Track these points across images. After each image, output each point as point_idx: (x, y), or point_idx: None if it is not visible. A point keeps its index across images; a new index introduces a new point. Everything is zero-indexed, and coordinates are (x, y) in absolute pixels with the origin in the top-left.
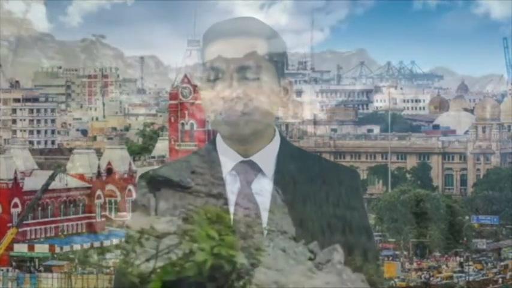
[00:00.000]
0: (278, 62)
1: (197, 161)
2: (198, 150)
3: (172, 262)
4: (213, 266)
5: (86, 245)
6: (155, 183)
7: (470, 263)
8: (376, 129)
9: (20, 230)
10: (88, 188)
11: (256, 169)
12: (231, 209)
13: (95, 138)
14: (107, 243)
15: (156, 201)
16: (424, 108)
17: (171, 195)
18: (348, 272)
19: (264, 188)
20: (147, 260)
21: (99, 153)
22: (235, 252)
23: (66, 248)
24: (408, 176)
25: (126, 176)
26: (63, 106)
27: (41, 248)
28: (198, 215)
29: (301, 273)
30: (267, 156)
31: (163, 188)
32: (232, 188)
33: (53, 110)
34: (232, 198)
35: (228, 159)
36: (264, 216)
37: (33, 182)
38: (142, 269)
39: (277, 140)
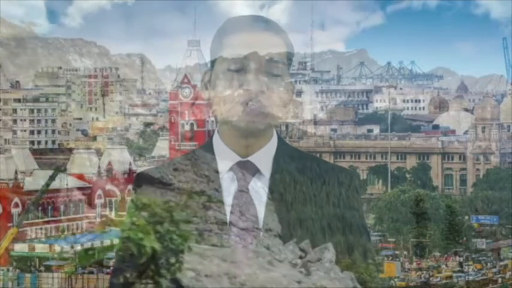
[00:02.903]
0: (290, 64)
1: (191, 161)
2: (192, 153)
3: (91, 248)
4: (122, 249)
5: (86, 245)
6: (139, 180)
7: (470, 262)
8: (376, 129)
9: (20, 229)
10: (88, 188)
11: (254, 169)
12: (227, 209)
13: (95, 138)
14: (107, 243)
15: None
16: (424, 108)
17: (152, 192)
18: (337, 270)
19: (261, 188)
20: (71, 247)
21: (99, 153)
22: (144, 236)
23: (67, 248)
24: (408, 176)
25: (126, 176)
26: (63, 106)
27: (42, 248)
28: (131, 203)
29: (258, 266)
30: (264, 157)
31: (144, 185)
32: (229, 188)
33: (53, 110)
34: (228, 198)
35: (225, 159)
36: (261, 216)
37: (34, 182)
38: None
39: (274, 140)
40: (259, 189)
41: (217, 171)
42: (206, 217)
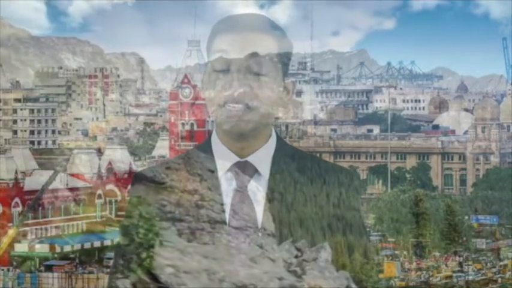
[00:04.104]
0: (285, 63)
1: (184, 160)
2: (186, 152)
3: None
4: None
5: (87, 245)
6: (134, 180)
7: (470, 262)
8: (376, 129)
9: (21, 229)
10: (88, 188)
11: (253, 169)
12: (226, 209)
13: (95, 138)
14: (107, 243)
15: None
16: (424, 108)
17: (144, 191)
18: (332, 269)
19: (259, 188)
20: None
21: (99, 153)
22: (105, 229)
23: (67, 248)
24: (408, 176)
25: (126, 176)
26: (63, 106)
27: (42, 248)
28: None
29: (240, 262)
30: (263, 157)
31: (138, 184)
32: (227, 188)
33: (53, 110)
34: (226, 198)
35: (224, 159)
36: (259, 216)
37: (34, 182)
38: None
39: (273, 140)
40: (256, 189)
41: (211, 170)
42: (198, 215)
